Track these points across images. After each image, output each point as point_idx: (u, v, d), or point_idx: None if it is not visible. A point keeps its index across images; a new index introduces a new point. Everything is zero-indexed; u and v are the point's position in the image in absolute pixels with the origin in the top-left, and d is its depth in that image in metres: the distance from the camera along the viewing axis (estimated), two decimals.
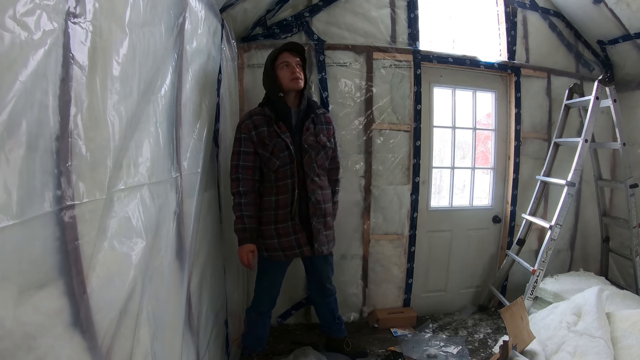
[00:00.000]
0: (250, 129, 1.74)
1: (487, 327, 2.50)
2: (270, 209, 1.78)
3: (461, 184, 2.91)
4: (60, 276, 0.68)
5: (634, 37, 2.52)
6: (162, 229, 1.12)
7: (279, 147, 1.74)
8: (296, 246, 1.79)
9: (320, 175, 1.85)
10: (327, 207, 1.86)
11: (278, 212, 1.76)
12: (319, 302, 2.08)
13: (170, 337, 1.18)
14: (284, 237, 1.78)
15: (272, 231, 1.77)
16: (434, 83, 2.62)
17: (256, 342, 1.99)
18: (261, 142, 1.74)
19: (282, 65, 1.76)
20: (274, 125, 1.74)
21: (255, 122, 1.75)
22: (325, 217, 1.85)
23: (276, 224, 1.77)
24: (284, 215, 1.76)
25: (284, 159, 1.74)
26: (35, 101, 0.62)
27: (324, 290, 2.02)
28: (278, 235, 1.77)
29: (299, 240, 1.79)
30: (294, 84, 1.76)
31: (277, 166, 1.75)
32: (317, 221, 1.81)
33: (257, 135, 1.74)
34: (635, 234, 2.41)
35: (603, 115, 2.63)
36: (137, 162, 0.98)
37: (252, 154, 1.75)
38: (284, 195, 1.76)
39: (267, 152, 1.74)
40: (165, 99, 1.16)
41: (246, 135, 1.75)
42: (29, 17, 0.59)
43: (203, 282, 1.61)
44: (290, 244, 1.78)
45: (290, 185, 1.76)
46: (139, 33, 0.95)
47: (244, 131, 1.75)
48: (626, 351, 1.67)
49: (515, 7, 2.66)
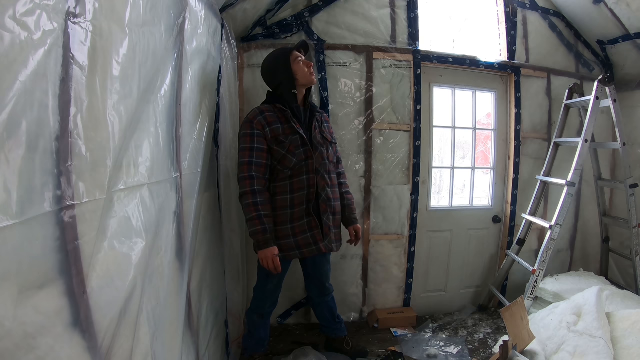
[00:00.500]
0: (264, 125, 1.68)
1: (487, 327, 2.50)
2: (286, 207, 1.71)
3: (461, 184, 2.91)
4: (60, 276, 0.68)
5: (634, 37, 2.52)
6: (162, 229, 1.12)
7: (295, 144, 1.71)
8: (312, 243, 1.76)
9: (331, 172, 1.85)
10: (336, 204, 1.85)
11: (294, 211, 1.72)
12: (318, 302, 2.08)
13: (170, 337, 1.18)
14: (300, 235, 1.74)
15: (289, 230, 1.72)
16: (434, 83, 2.62)
17: (258, 344, 1.98)
18: (275, 139, 1.68)
19: (299, 60, 1.77)
20: (291, 122, 1.72)
21: (268, 118, 1.70)
22: (335, 214, 1.83)
23: (292, 223, 1.73)
24: (299, 213, 1.73)
25: (299, 155, 1.71)
26: (35, 101, 0.62)
27: (324, 289, 2.02)
28: (294, 234, 1.73)
29: (315, 237, 1.76)
30: (311, 78, 1.79)
31: (294, 163, 1.71)
32: (327, 218, 1.78)
33: (272, 132, 1.68)
34: (635, 234, 2.41)
35: (603, 115, 2.63)
36: (137, 162, 0.98)
37: (265, 151, 1.68)
38: (299, 192, 1.73)
39: (284, 149, 1.69)
40: (165, 99, 1.16)
41: (259, 131, 1.67)
42: (29, 17, 0.59)
43: (203, 282, 1.61)
44: (307, 242, 1.75)
45: (306, 182, 1.73)
46: (139, 33, 0.95)
47: (257, 127, 1.67)
48: (626, 351, 1.68)
49: (515, 7, 2.66)
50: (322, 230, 1.77)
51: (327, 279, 2.02)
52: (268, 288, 1.87)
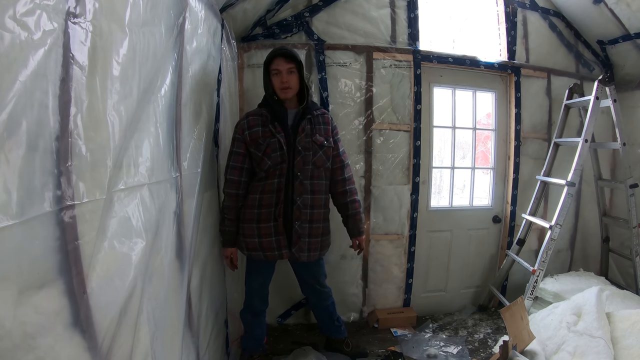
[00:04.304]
0: (244, 129, 1.75)
1: (487, 327, 2.50)
2: (254, 207, 1.75)
3: (461, 184, 2.91)
4: (60, 276, 0.68)
5: (634, 37, 2.52)
6: (162, 229, 1.11)
7: (272, 147, 1.72)
8: (276, 248, 1.75)
9: (317, 177, 1.80)
10: (315, 212, 1.78)
11: (261, 211, 1.74)
12: (316, 305, 2.07)
13: (170, 337, 1.18)
14: (265, 237, 1.74)
15: (254, 230, 1.75)
16: (434, 83, 2.62)
17: (255, 343, 1.99)
18: (254, 142, 1.73)
19: (274, 72, 1.73)
20: (269, 125, 1.74)
21: (251, 122, 1.76)
22: (311, 222, 1.77)
23: (258, 223, 1.74)
24: (267, 215, 1.73)
25: (275, 158, 1.72)
26: (35, 101, 0.61)
27: (316, 292, 1.99)
28: (259, 234, 1.74)
29: (280, 242, 1.75)
30: (283, 93, 1.74)
31: (269, 166, 1.72)
32: (299, 226, 1.75)
33: (250, 135, 1.74)
34: (635, 234, 2.41)
35: (603, 115, 2.63)
36: (137, 162, 0.98)
37: (241, 155, 1.76)
38: (268, 194, 1.74)
39: (260, 151, 1.72)
40: (165, 99, 1.16)
41: (239, 136, 1.76)
42: (29, 17, 0.59)
43: (203, 282, 1.61)
44: (270, 245, 1.75)
45: (276, 185, 1.73)
46: (139, 33, 0.95)
47: (238, 132, 1.77)
48: (626, 351, 1.67)
49: (515, 7, 2.66)
50: (288, 237, 1.76)
51: (318, 281, 1.97)
52: (252, 286, 1.90)
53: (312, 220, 1.78)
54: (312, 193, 1.78)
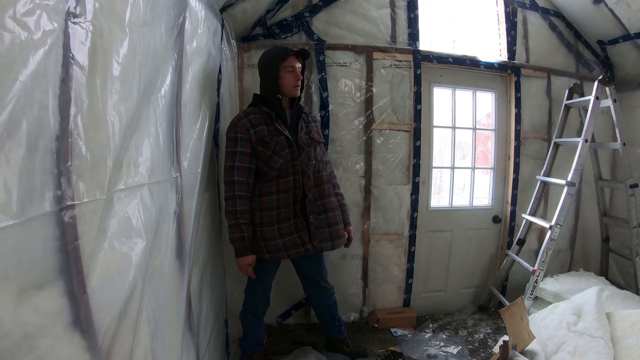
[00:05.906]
0: (248, 127, 1.69)
1: (487, 327, 2.50)
2: (272, 208, 1.72)
3: (461, 184, 2.91)
4: (60, 276, 0.68)
5: (634, 37, 2.52)
6: (162, 229, 1.11)
7: (281, 145, 1.71)
8: (300, 244, 1.75)
9: (320, 170, 1.83)
10: (326, 201, 1.80)
11: (280, 211, 1.72)
12: (319, 305, 2.07)
13: (170, 337, 1.18)
14: (287, 236, 1.73)
15: (276, 231, 1.71)
16: (434, 83, 2.62)
17: (255, 344, 1.99)
18: (261, 141, 1.69)
19: (289, 69, 1.72)
20: (275, 124, 1.72)
21: (252, 121, 1.70)
22: (326, 212, 1.80)
23: (279, 224, 1.72)
24: (285, 214, 1.73)
25: (285, 156, 1.71)
26: (35, 101, 0.61)
27: (320, 289, 1.99)
28: (281, 235, 1.73)
29: (303, 238, 1.75)
30: (295, 91, 1.75)
31: (280, 164, 1.71)
32: (315, 218, 1.77)
33: (256, 133, 1.68)
34: (635, 234, 2.41)
35: (603, 115, 2.63)
36: (137, 162, 0.98)
37: (248, 155, 1.69)
38: (285, 193, 1.73)
39: (269, 150, 1.69)
40: (165, 99, 1.16)
41: (243, 135, 1.68)
42: (29, 17, 0.59)
43: (203, 282, 1.61)
44: (294, 243, 1.74)
45: (292, 183, 1.73)
46: (139, 33, 0.95)
47: (241, 131, 1.68)
48: (626, 351, 1.67)
49: (515, 7, 2.66)
50: (309, 231, 1.76)
51: (322, 278, 1.98)
52: (257, 289, 1.87)
53: (326, 209, 1.80)
54: (319, 185, 1.81)
